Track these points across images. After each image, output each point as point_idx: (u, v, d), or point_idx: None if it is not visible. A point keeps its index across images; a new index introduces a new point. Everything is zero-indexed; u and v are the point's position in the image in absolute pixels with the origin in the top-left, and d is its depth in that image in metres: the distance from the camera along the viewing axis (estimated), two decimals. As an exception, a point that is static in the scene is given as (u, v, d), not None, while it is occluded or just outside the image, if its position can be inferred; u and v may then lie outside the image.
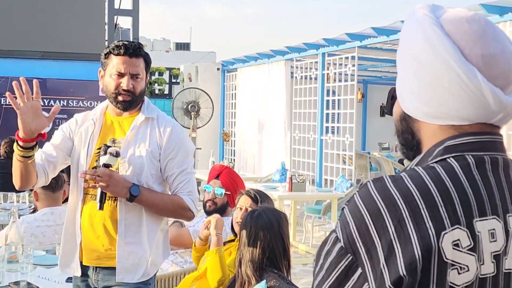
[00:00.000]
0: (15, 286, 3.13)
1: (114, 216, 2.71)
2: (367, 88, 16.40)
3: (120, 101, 2.73)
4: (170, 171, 2.76)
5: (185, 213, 2.81)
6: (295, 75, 10.85)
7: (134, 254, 2.72)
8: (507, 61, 1.10)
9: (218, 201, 4.17)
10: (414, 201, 1.04)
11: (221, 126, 13.74)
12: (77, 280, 2.85)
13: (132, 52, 2.71)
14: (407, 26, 1.16)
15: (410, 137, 1.19)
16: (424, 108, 1.13)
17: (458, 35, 1.09)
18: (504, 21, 6.64)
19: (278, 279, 2.80)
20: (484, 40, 1.09)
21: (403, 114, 1.19)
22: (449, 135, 1.12)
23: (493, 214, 1.07)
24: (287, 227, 3.00)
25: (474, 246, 1.03)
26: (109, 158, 2.63)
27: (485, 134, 1.12)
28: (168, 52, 29.50)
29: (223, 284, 3.22)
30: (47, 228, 4.07)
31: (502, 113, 1.10)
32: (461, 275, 1.03)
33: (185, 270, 3.82)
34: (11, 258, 3.40)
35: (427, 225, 1.02)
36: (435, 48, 1.09)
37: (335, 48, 9.78)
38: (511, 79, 1.10)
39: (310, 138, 10.52)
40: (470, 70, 1.07)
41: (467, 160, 1.09)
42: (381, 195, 1.05)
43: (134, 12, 11.91)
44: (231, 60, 13.44)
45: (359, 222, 1.05)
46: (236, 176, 4.36)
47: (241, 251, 2.95)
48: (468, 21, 1.11)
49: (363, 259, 1.03)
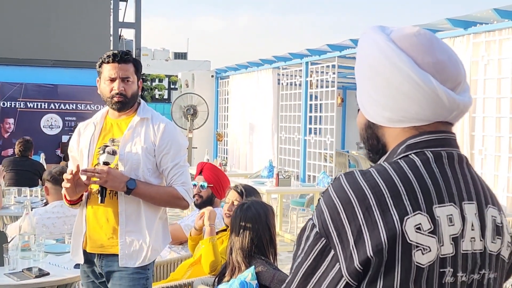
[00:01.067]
0: (28, 272, 3.11)
1: (115, 208, 2.74)
2: (346, 93, 16.43)
3: (114, 102, 2.77)
4: (164, 165, 2.78)
5: (180, 203, 2.82)
6: (281, 82, 10.85)
7: (135, 241, 2.74)
8: (453, 67, 1.15)
9: (204, 194, 4.18)
10: (381, 191, 1.07)
11: (215, 128, 13.72)
12: (84, 266, 2.86)
13: (120, 59, 2.76)
14: (364, 45, 1.19)
15: (375, 142, 1.21)
16: (387, 114, 1.16)
17: (410, 48, 1.13)
18: (468, 34, 6.67)
19: (266, 265, 2.80)
20: (432, 50, 1.14)
21: (367, 123, 1.21)
22: (410, 135, 1.15)
23: (450, 201, 1.10)
24: (273, 218, 3.00)
25: (434, 229, 1.06)
26: (107, 157, 2.67)
27: (442, 133, 1.15)
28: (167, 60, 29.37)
29: (216, 269, 3.22)
30: (57, 219, 4.06)
31: (456, 111, 1.14)
32: (424, 255, 1.05)
33: (182, 257, 3.81)
34: (24, 247, 3.39)
35: (391, 212, 1.05)
36: (393, 61, 1.12)
37: (317, 58, 9.79)
38: (459, 81, 1.15)
39: (295, 138, 10.53)
40: (425, 76, 1.11)
41: (427, 155, 1.13)
42: (351, 187, 1.08)
43: (137, 24, 11.88)
44: (224, 68, 13.43)
45: (332, 210, 1.08)
46: (217, 170, 4.36)
47: (231, 240, 2.95)
48: (415, 35, 1.15)
49: (335, 242, 1.06)
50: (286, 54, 10.41)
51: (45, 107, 9.97)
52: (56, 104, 10.03)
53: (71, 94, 10.07)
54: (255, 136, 11.83)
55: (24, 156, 7.01)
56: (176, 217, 7.41)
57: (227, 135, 13.13)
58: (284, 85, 10.75)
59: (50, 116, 9.97)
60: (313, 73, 9.93)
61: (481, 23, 6.61)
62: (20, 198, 5.83)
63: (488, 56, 6.46)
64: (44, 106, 9.96)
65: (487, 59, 6.46)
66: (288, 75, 10.68)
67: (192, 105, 12.53)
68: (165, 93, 20.13)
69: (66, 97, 10.09)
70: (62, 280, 3.13)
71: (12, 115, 9.78)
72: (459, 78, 1.15)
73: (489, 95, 6.46)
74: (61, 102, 10.08)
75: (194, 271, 3.41)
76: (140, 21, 11.89)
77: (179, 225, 4.08)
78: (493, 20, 6.46)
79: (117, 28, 11.86)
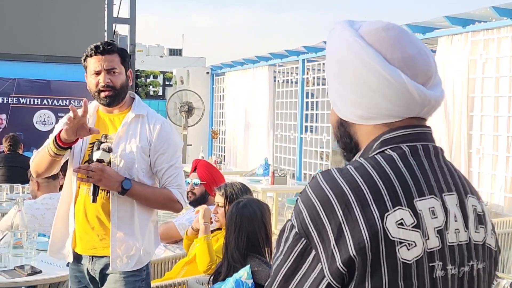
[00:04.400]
0: (20, 270, 3.09)
1: (107, 208, 2.63)
2: (343, 91, 16.44)
3: (102, 97, 2.65)
4: (159, 165, 2.69)
5: (174, 205, 2.74)
6: (277, 79, 10.85)
7: (127, 244, 2.64)
8: (423, 61, 1.13)
9: (197, 191, 4.17)
10: (359, 187, 1.05)
11: (210, 125, 13.70)
12: (74, 270, 2.77)
13: (103, 50, 2.64)
14: (332, 42, 1.18)
15: (348, 140, 1.20)
16: (358, 111, 1.14)
17: (378, 43, 1.12)
18: (466, 32, 6.68)
19: (261, 264, 2.80)
20: (401, 45, 1.12)
21: (339, 120, 1.20)
22: (383, 131, 1.14)
23: (430, 194, 1.09)
24: (269, 216, 2.99)
25: (417, 223, 1.05)
26: (102, 154, 2.55)
27: (416, 127, 1.14)
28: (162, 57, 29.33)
29: (211, 268, 3.21)
30: (47, 211, 4.03)
31: (427, 106, 1.13)
32: (410, 250, 1.04)
33: (177, 255, 3.81)
34: (16, 244, 3.36)
35: (371, 208, 1.03)
36: (361, 57, 1.11)
37: (314, 55, 9.78)
38: (430, 75, 1.13)
39: (291, 136, 10.53)
40: (394, 71, 1.09)
41: (403, 149, 1.12)
42: (329, 184, 1.07)
43: (131, 20, 11.84)
44: (219, 65, 13.41)
45: (310, 209, 1.06)
46: (211, 167, 4.36)
47: (227, 238, 2.94)
48: (384, 29, 1.14)
49: (315, 242, 1.04)
50: (283, 51, 10.40)
51: (38, 103, 9.93)
52: (49, 100, 10.00)
53: (64, 90, 10.03)
54: (250, 134, 11.82)
55: (15, 152, 6.98)
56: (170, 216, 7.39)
57: (223, 133, 13.12)
58: (280, 82, 10.75)
59: (43, 112, 9.93)
60: (309, 71, 9.93)
61: (480, 21, 6.62)
62: (13, 194, 5.81)
63: (486, 55, 6.46)
64: (37, 102, 9.92)
65: (485, 58, 6.47)
66: (284, 72, 10.68)
67: (187, 102, 12.52)
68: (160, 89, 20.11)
69: (59, 93, 10.05)
70: (55, 278, 3.11)
71: (4, 111, 9.74)
72: (430, 72, 1.14)
73: (487, 93, 6.47)
74: (54, 98, 10.04)
75: (189, 269, 3.40)
76: (134, 17, 11.84)
77: (173, 224, 4.07)
78: (492, 18, 6.46)
79: (112, 23, 11.81)
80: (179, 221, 4.12)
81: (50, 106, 10.03)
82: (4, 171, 6.77)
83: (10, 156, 6.94)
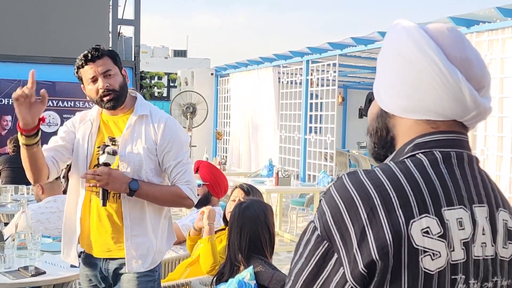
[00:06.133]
0: (24, 271, 3.10)
1: (119, 211, 2.66)
2: (347, 92, 16.42)
3: (105, 102, 2.65)
4: (167, 163, 2.69)
5: (184, 202, 2.73)
6: (281, 80, 10.84)
7: (142, 245, 2.66)
8: (480, 68, 1.11)
9: (199, 192, 4.17)
10: (386, 191, 1.02)
11: (214, 126, 13.71)
12: (85, 270, 2.80)
13: (92, 57, 2.65)
14: (393, 33, 1.16)
15: (384, 134, 1.17)
16: (403, 102, 1.12)
17: (441, 38, 1.10)
18: (471, 32, 6.66)
19: (264, 265, 2.79)
20: (463, 47, 1.11)
21: (379, 112, 1.17)
22: (422, 131, 1.11)
23: (459, 204, 1.05)
24: (272, 217, 2.99)
25: (444, 233, 1.02)
26: (107, 157, 2.56)
27: (453, 133, 1.11)
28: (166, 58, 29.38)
29: (214, 269, 3.21)
30: (51, 214, 4.05)
31: (476, 111, 1.10)
32: (434, 261, 1.00)
33: (180, 256, 3.81)
34: (21, 245, 3.37)
35: (397, 213, 1.00)
36: (422, 48, 1.09)
37: (318, 56, 9.78)
38: (483, 84, 1.11)
39: (295, 137, 10.52)
40: (452, 68, 1.07)
41: (435, 155, 1.08)
42: (355, 186, 1.03)
43: (136, 22, 11.87)
44: (223, 66, 13.41)
45: (334, 210, 1.03)
46: (213, 168, 4.36)
47: (230, 239, 2.94)
48: (448, 29, 1.13)
49: (338, 245, 1.01)
50: (287, 52, 10.39)
51: (43, 104, 9.95)
52: (54, 101, 10.03)
53: (69, 91, 10.06)
54: (255, 135, 11.81)
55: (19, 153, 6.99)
56: (175, 217, 7.40)
57: (227, 134, 13.12)
58: (284, 83, 10.74)
59: (48, 113, 9.96)
60: (313, 72, 9.92)
61: (484, 21, 6.60)
62: (17, 196, 5.83)
63: (490, 55, 6.44)
64: (42, 103, 9.94)
65: (489, 58, 6.45)
66: (288, 73, 10.67)
67: (191, 103, 12.53)
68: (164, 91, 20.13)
69: (64, 94, 10.08)
70: (58, 279, 3.12)
71: (9, 112, 9.78)
72: (484, 81, 1.12)
73: (492, 94, 6.43)
74: (59, 99, 10.08)
75: (192, 270, 3.41)
76: (139, 18, 11.87)
77: (176, 225, 4.08)
78: (496, 19, 6.44)
79: (116, 25, 11.85)
80: (183, 222, 4.13)
81: (55, 107, 10.06)
82: (8, 173, 6.79)
83: (14, 157, 6.96)
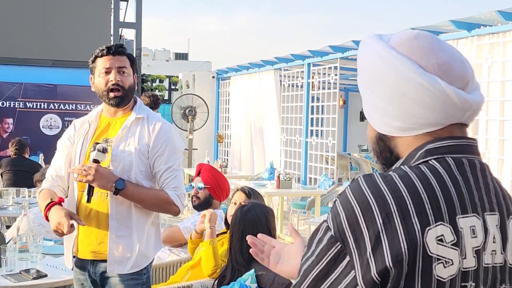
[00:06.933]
0: (25, 274, 3.11)
1: (105, 211, 2.63)
2: (348, 95, 16.42)
3: (111, 97, 2.65)
4: (157, 167, 2.66)
5: (170, 208, 2.67)
6: (283, 83, 10.85)
7: (124, 246, 2.63)
8: (459, 66, 1.11)
9: (201, 195, 4.18)
10: (402, 197, 1.02)
11: (215, 129, 13.71)
12: (77, 273, 2.78)
13: (115, 51, 2.66)
14: (364, 55, 1.16)
15: (389, 155, 1.17)
16: (396, 123, 1.12)
17: (411, 52, 1.10)
18: (472, 36, 6.67)
19: (266, 268, 2.78)
20: (435, 52, 1.10)
21: (378, 135, 1.18)
22: (424, 142, 1.11)
23: (473, 212, 1.06)
24: (273, 220, 2.99)
25: (457, 241, 1.02)
26: (97, 154, 2.55)
27: (461, 138, 1.11)
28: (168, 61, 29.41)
29: (216, 272, 3.21)
30: None
31: (469, 110, 1.11)
32: (446, 268, 1.01)
33: (182, 259, 3.81)
34: (22, 248, 3.38)
35: (413, 220, 1.00)
36: (397, 68, 1.09)
37: (319, 59, 9.79)
38: (467, 80, 1.12)
39: (297, 140, 10.52)
40: (431, 78, 1.07)
41: (448, 162, 1.08)
42: (371, 189, 1.03)
43: (137, 24, 11.88)
44: (225, 69, 13.42)
45: (349, 213, 1.03)
46: (215, 171, 4.36)
47: (232, 242, 2.94)
48: (415, 38, 1.12)
49: (351, 248, 1.01)
50: (288, 55, 10.40)
51: (45, 107, 9.97)
52: (55, 104, 10.04)
53: (71, 94, 10.07)
54: (257, 138, 11.81)
55: (21, 155, 7.01)
56: (176, 219, 7.40)
57: (229, 137, 13.12)
58: (285, 86, 10.75)
59: (50, 116, 9.97)
60: (315, 75, 9.92)
61: (485, 25, 6.61)
62: (19, 198, 5.83)
63: (492, 59, 6.45)
64: (43, 106, 9.96)
65: (490, 62, 6.45)
66: (290, 76, 10.68)
67: (192, 106, 12.54)
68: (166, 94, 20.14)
69: (65, 97, 10.09)
70: (60, 282, 3.12)
71: (11, 115, 9.79)
72: (467, 77, 1.11)
73: (493, 97, 6.45)
74: (60, 102, 10.09)
75: (194, 273, 3.41)
76: (140, 21, 11.89)
77: (178, 227, 4.08)
78: (497, 22, 6.45)
79: (118, 28, 11.86)
80: (184, 224, 4.13)
81: (57, 110, 10.07)
82: (10, 175, 6.80)
83: (16, 160, 6.98)
